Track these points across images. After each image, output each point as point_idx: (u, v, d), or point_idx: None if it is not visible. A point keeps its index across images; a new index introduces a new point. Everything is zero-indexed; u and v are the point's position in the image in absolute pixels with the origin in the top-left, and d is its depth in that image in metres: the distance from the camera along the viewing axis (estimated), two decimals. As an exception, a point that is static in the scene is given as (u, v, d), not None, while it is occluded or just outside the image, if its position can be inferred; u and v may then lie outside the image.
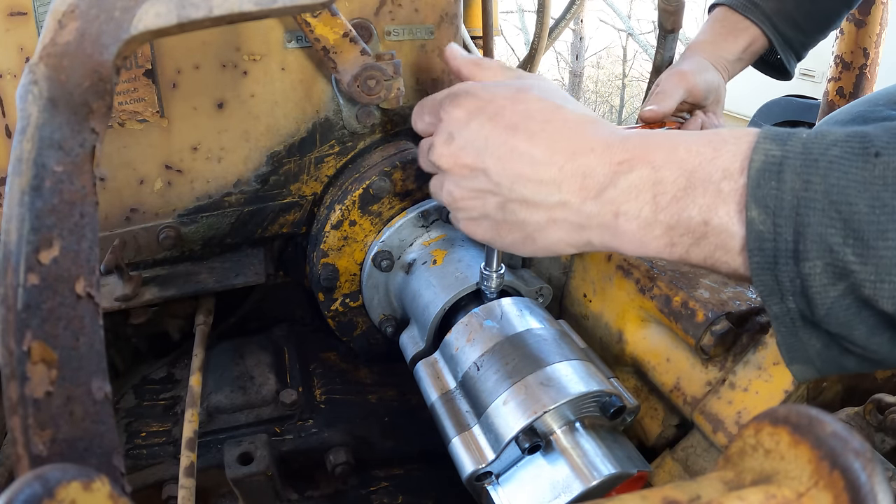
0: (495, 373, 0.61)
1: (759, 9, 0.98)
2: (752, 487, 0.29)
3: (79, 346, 0.33)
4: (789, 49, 1.03)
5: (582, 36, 9.66)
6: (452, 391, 0.66)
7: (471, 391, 0.63)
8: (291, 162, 0.85)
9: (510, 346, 0.64)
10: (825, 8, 1.01)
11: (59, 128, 0.35)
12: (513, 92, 0.52)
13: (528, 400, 0.57)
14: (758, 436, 0.30)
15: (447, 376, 0.68)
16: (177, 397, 0.86)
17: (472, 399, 0.63)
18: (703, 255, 0.43)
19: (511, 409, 0.58)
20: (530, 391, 0.58)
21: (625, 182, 0.45)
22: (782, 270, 0.39)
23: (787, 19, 0.99)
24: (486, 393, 0.61)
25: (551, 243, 0.50)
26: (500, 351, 0.63)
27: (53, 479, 0.24)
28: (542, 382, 0.58)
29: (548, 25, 1.94)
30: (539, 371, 0.59)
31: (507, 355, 0.63)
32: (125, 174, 0.78)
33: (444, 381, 0.67)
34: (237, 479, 0.69)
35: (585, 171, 0.46)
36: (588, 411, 0.59)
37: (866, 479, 0.26)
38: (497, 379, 0.61)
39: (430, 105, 0.59)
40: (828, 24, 1.04)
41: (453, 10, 0.87)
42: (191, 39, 0.75)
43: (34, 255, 0.32)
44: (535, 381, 0.59)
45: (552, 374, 0.59)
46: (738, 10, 0.99)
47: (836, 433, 0.27)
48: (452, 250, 0.81)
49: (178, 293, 0.80)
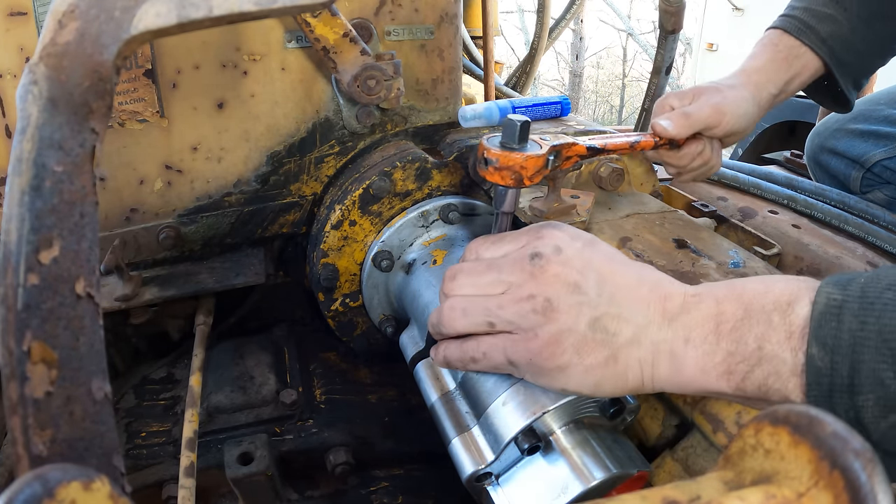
0: (494, 373, 0.61)
1: (815, 32, 0.91)
2: (752, 487, 0.29)
3: (79, 346, 0.33)
4: (847, 76, 0.96)
5: (582, 36, 9.66)
6: (452, 392, 0.66)
7: (470, 392, 0.63)
8: (291, 162, 0.85)
9: None
10: (880, 31, 0.95)
11: (59, 128, 0.35)
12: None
13: (528, 401, 0.57)
14: (758, 436, 0.30)
15: (447, 377, 0.67)
16: (177, 397, 0.86)
17: (472, 400, 0.63)
18: (757, 382, 0.46)
19: (510, 410, 0.57)
20: (529, 392, 0.58)
21: (696, 311, 0.49)
22: (837, 402, 0.42)
23: (844, 43, 0.92)
24: (486, 394, 0.61)
25: (629, 365, 0.51)
26: None
27: (53, 479, 0.24)
28: None
29: (548, 25, 1.94)
30: None
31: None
32: (125, 174, 0.78)
33: (444, 382, 0.67)
34: (237, 479, 0.69)
35: (667, 296, 0.51)
36: (588, 412, 0.59)
37: (866, 479, 0.26)
38: (496, 380, 0.60)
39: (511, 237, 0.58)
40: (885, 49, 0.98)
41: (453, 10, 0.87)
42: (191, 39, 0.75)
43: (34, 255, 0.32)
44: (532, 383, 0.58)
45: None
46: (793, 34, 0.92)
47: (836, 433, 0.27)
48: (452, 250, 0.81)
49: (178, 293, 0.80)
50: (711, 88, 0.88)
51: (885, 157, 1.22)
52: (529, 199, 0.79)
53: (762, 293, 0.47)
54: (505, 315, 0.52)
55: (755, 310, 0.46)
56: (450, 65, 0.90)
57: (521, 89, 2.06)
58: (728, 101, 0.86)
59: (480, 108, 0.93)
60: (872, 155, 1.23)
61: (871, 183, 1.25)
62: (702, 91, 0.87)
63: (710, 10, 4.88)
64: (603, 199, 0.87)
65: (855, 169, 1.26)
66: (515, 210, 0.69)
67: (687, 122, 0.83)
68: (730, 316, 0.47)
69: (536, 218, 0.74)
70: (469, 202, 0.85)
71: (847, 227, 1.10)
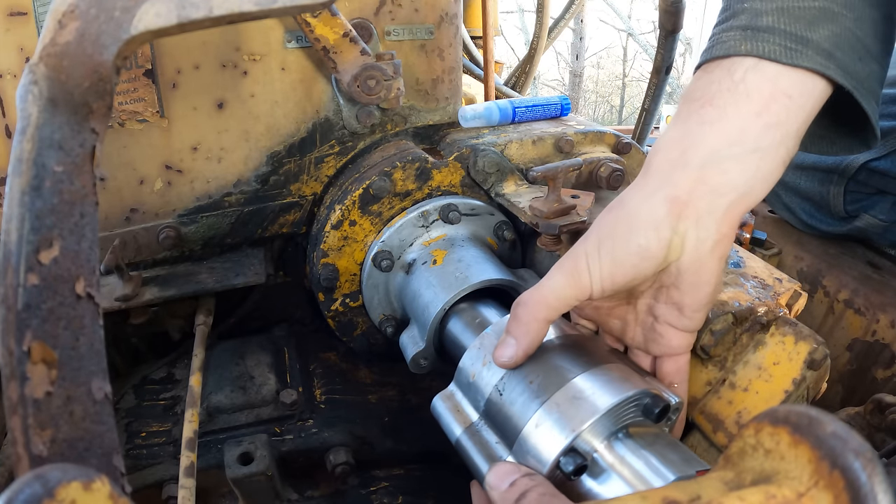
0: (520, 395, 0.55)
1: (812, 45, 0.53)
2: (752, 487, 0.29)
3: (79, 347, 0.33)
4: (868, 93, 0.57)
5: (582, 36, 9.66)
6: (476, 423, 0.59)
7: (496, 419, 0.57)
8: (291, 162, 0.85)
9: (530, 362, 0.57)
10: (889, 14, 0.59)
11: (59, 128, 0.35)
12: None
13: (564, 417, 0.51)
14: (758, 436, 0.30)
15: (468, 408, 0.61)
16: (177, 397, 0.86)
17: (500, 428, 0.57)
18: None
19: (546, 431, 0.52)
20: (564, 408, 0.52)
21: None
22: None
23: (852, 46, 0.55)
24: (515, 418, 0.55)
25: None
26: (520, 370, 0.57)
27: (54, 479, 0.24)
28: (574, 396, 0.52)
29: (547, 25, 1.94)
30: (567, 385, 0.53)
31: (530, 373, 0.56)
32: (125, 174, 0.78)
33: (466, 414, 0.60)
34: (237, 479, 0.69)
35: None
36: (630, 418, 0.54)
37: (866, 479, 0.26)
38: (523, 401, 0.55)
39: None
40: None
41: (453, 10, 0.87)
42: (191, 39, 0.75)
43: (34, 255, 0.32)
44: (565, 397, 0.53)
45: (583, 385, 0.53)
46: (779, 60, 0.53)
47: (836, 433, 0.27)
48: (452, 250, 0.81)
49: (178, 293, 0.80)
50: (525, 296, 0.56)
51: (873, 156, 0.90)
52: (530, 199, 0.79)
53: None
54: None
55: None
56: (450, 65, 0.90)
57: (521, 89, 2.07)
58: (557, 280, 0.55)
59: (480, 108, 0.93)
60: (854, 158, 0.91)
61: (857, 198, 0.94)
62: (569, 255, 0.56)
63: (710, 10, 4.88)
64: (603, 199, 0.87)
65: (833, 182, 0.95)
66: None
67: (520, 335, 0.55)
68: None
69: (536, 218, 0.74)
70: (469, 202, 0.85)
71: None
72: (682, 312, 0.55)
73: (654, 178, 0.54)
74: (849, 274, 0.97)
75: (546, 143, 0.89)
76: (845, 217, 0.98)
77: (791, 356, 0.59)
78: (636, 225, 0.53)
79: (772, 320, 0.61)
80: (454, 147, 0.86)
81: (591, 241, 0.54)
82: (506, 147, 0.87)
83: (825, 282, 0.99)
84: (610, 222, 0.55)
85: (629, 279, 0.54)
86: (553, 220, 0.73)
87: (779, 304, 0.63)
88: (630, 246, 0.52)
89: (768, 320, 0.62)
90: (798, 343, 0.59)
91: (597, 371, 0.54)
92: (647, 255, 0.52)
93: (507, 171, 0.85)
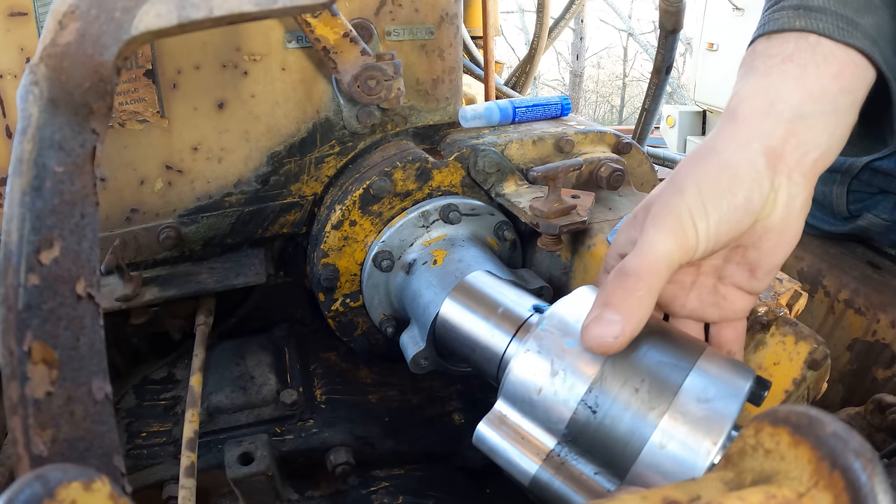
0: (625, 408, 0.45)
1: (861, 29, 0.53)
2: (752, 487, 0.29)
3: (79, 347, 0.33)
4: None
5: (582, 36, 9.66)
6: (556, 451, 0.47)
7: (591, 444, 0.46)
8: (292, 162, 0.85)
9: (624, 365, 0.46)
10: None
11: (59, 128, 0.35)
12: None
13: (695, 433, 0.42)
14: (758, 436, 0.30)
15: (537, 432, 0.48)
16: (177, 397, 0.86)
17: (598, 454, 0.46)
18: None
19: (675, 453, 0.42)
20: (689, 421, 0.42)
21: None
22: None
23: (889, 39, 0.56)
24: (625, 439, 0.44)
25: None
26: (613, 377, 0.46)
27: (54, 479, 0.24)
28: (699, 399, 0.43)
29: (547, 25, 1.94)
30: (682, 389, 0.44)
31: (629, 379, 0.45)
32: (126, 174, 0.78)
33: (538, 442, 0.48)
34: (237, 480, 0.69)
35: None
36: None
37: (866, 479, 0.26)
38: (633, 415, 0.44)
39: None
40: None
41: (453, 10, 0.87)
42: (191, 39, 0.75)
43: (35, 255, 0.32)
44: (686, 406, 0.43)
45: (698, 386, 0.44)
46: (834, 37, 0.52)
47: (836, 433, 0.27)
48: (453, 250, 0.81)
49: (178, 293, 0.80)
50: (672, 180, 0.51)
51: (877, 156, 0.89)
52: (530, 199, 0.79)
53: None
54: None
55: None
56: (450, 65, 0.90)
57: (521, 89, 2.07)
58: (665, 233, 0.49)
59: (481, 108, 0.93)
60: (858, 158, 0.91)
61: (860, 198, 0.95)
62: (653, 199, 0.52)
63: (710, 10, 4.88)
64: (603, 199, 0.87)
65: (836, 182, 0.95)
66: None
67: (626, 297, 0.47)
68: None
69: (537, 218, 0.74)
70: (469, 202, 0.85)
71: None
72: (753, 274, 0.52)
73: (744, 127, 0.51)
74: (849, 274, 0.97)
75: (546, 143, 0.89)
76: (848, 217, 0.97)
77: (791, 356, 0.59)
78: (739, 177, 0.48)
79: (772, 320, 0.61)
80: (454, 147, 0.86)
81: (689, 194, 0.48)
82: (506, 147, 0.87)
83: (825, 282, 0.99)
84: (711, 174, 0.49)
85: (732, 237, 0.49)
86: (553, 220, 0.73)
87: (779, 304, 0.63)
88: (737, 199, 0.48)
89: (769, 320, 0.62)
90: (798, 343, 0.59)
91: (702, 364, 0.46)
92: (750, 210, 0.48)
93: (507, 171, 0.85)
